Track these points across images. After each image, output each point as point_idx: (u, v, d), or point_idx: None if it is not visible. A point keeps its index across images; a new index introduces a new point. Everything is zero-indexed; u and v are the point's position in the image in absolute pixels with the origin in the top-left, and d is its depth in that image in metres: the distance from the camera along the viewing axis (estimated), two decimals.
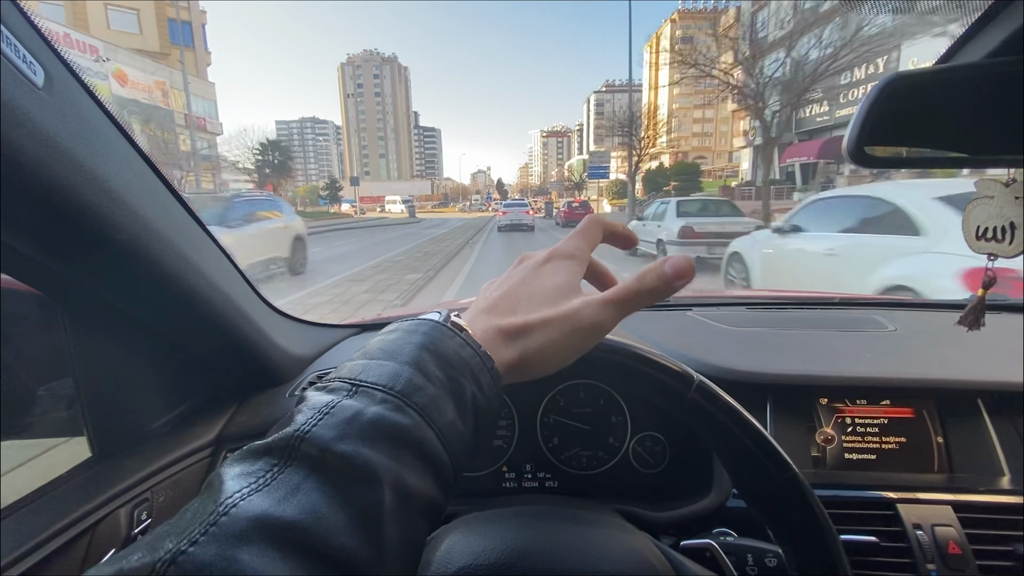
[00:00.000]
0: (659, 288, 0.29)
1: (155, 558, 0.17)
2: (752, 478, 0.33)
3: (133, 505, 0.48)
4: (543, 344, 0.28)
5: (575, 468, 0.67)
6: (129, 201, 0.38)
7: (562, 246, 0.33)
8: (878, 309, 0.95)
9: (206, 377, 0.61)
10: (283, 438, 0.21)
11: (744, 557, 0.47)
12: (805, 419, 0.63)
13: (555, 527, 0.37)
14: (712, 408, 0.33)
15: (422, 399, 0.23)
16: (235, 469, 0.20)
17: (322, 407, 0.22)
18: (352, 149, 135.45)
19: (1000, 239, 0.43)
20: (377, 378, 0.24)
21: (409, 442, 0.22)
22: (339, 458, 0.20)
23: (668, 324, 0.88)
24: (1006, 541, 0.53)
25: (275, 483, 0.19)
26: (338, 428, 0.21)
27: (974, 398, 0.62)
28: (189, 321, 0.51)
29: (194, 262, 0.47)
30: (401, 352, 0.25)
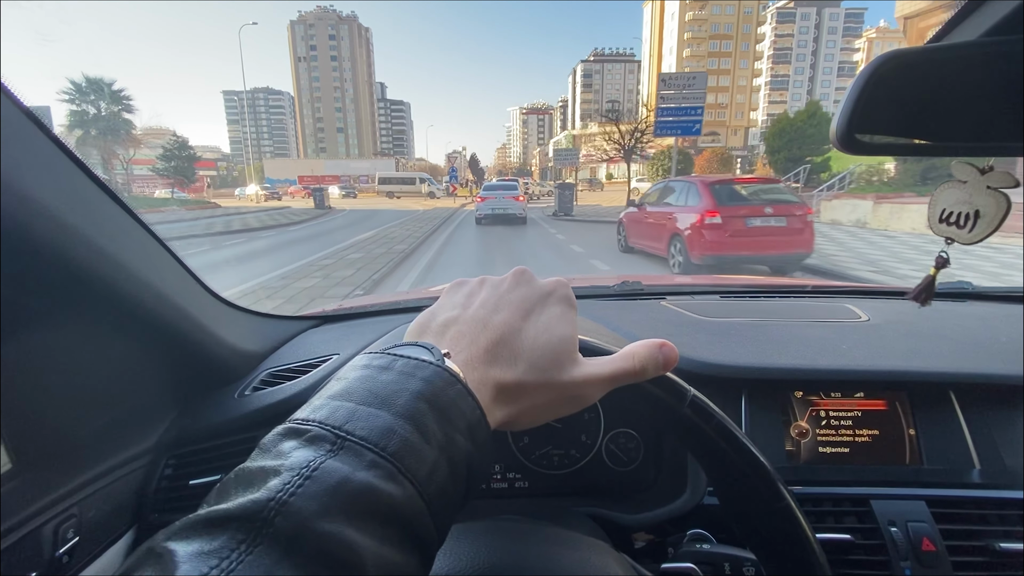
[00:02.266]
0: (649, 371, 0.30)
1: None
2: (743, 501, 0.33)
3: (58, 522, 0.46)
4: (535, 407, 0.29)
5: (546, 468, 0.67)
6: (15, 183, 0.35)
7: (563, 288, 0.33)
8: (851, 297, 1.01)
9: (142, 377, 0.57)
10: (252, 507, 0.18)
11: (721, 566, 0.47)
12: (780, 413, 0.65)
13: (527, 548, 0.35)
14: (705, 426, 0.32)
15: (417, 464, 0.21)
16: (191, 546, 0.17)
17: (301, 468, 0.19)
18: (305, 122, 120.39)
19: (961, 225, 0.44)
20: (367, 432, 0.21)
21: (399, 519, 0.20)
22: (320, 539, 0.18)
23: (642, 314, 0.89)
24: (979, 536, 0.55)
25: (241, 568, 0.16)
26: (320, 499, 0.18)
27: (946, 390, 0.64)
28: (113, 316, 0.48)
29: (110, 252, 0.44)
30: (395, 400, 0.23)
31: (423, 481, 0.21)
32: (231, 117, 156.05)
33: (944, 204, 0.45)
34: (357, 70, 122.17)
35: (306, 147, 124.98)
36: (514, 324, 0.30)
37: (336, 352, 0.73)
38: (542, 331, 0.30)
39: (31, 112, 0.38)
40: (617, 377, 0.30)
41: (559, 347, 0.29)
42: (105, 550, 0.52)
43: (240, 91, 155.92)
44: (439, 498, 0.22)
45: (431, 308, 0.33)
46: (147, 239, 0.50)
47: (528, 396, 0.28)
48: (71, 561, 0.47)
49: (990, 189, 0.42)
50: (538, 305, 0.31)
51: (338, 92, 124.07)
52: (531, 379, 0.28)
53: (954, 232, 0.44)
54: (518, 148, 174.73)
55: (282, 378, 0.69)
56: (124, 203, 0.47)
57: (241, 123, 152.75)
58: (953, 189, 0.45)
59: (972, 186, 0.43)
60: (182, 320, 0.54)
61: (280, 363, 0.72)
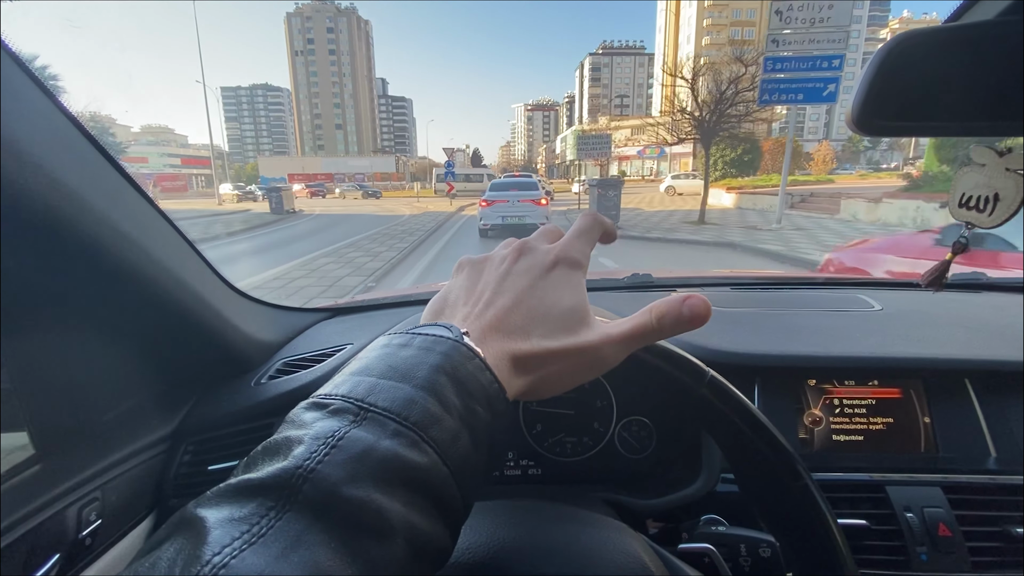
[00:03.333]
0: (673, 327, 0.29)
1: None
2: (761, 481, 0.34)
3: (81, 505, 0.47)
4: (554, 374, 0.29)
5: (559, 455, 0.68)
6: (46, 166, 0.36)
7: (568, 249, 0.32)
8: (864, 289, 1.01)
9: (162, 365, 0.60)
10: (281, 475, 0.18)
11: (737, 548, 0.48)
12: (793, 401, 0.66)
13: (546, 526, 0.36)
14: (723, 406, 0.32)
15: (439, 433, 0.22)
16: (222, 512, 0.18)
17: (327, 437, 0.20)
18: (302, 118, 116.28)
19: (981, 209, 0.44)
20: (389, 403, 0.22)
21: (424, 486, 0.20)
22: (349, 505, 0.18)
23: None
24: (996, 522, 0.55)
25: (271, 534, 0.17)
26: (346, 467, 0.19)
27: (961, 378, 0.64)
28: (137, 304, 0.49)
29: (138, 241, 0.45)
30: (415, 373, 0.23)
31: (446, 449, 0.22)
32: (229, 114, 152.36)
33: (964, 188, 0.45)
34: (356, 65, 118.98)
35: (303, 144, 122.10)
36: (522, 297, 0.30)
37: (349, 342, 0.75)
38: (552, 299, 0.30)
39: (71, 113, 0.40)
40: (634, 334, 0.29)
41: (569, 312, 0.30)
42: (126, 534, 0.54)
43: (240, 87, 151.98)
44: (462, 467, 0.22)
45: (442, 291, 0.33)
46: (169, 230, 0.52)
47: (545, 364, 0.28)
48: (94, 543, 0.49)
49: (1009, 171, 0.41)
50: (543, 274, 0.31)
51: (336, 87, 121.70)
52: (545, 347, 0.28)
53: (974, 216, 0.44)
54: (523, 146, 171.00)
55: (297, 367, 0.71)
56: (147, 194, 0.48)
57: (240, 120, 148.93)
58: (973, 173, 0.44)
59: (991, 169, 0.43)
60: (202, 310, 0.56)
61: (294, 353, 0.74)
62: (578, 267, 0.32)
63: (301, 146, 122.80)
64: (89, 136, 0.42)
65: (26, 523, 0.42)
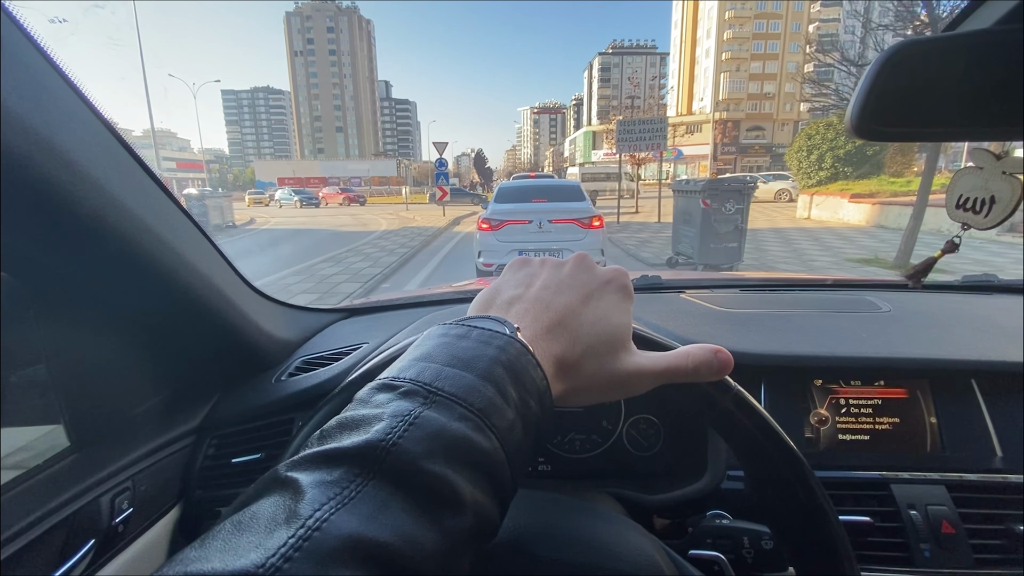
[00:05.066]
0: (702, 373, 0.30)
1: (244, 568, 0.15)
2: (777, 495, 0.34)
3: (114, 494, 0.49)
4: (585, 388, 0.30)
5: (568, 452, 0.70)
6: (93, 174, 0.37)
7: (622, 277, 0.34)
8: (872, 291, 1.01)
9: (188, 363, 0.62)
10: (366, 446, 0.20)
11: (740, 540, 0.49)
12: (799, 401, 0.66)
13: (565, 515, 0.37)
14: (747, 420, 0.33)
15: (500, 421, 0.23)
16: (313, 475, 0.19)
17: (404, 415, 0.22)
18: (302, 121, 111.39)
19: (977, 211, 0.44)
20: (455, 390, 0.23)
21: (487, 467, 0.22)
22: (427, 477, 0.20)
23: (662, 306, 0.90)
24: (999, 520, 0.55)
25: (360, 497, 0.18)
26: (424, 443, 0.21)
27: (968, 378, 0.64)
28: (166, 303, 0.51)
29: (169, 242, 0.47)
30: (476, 364, 0.25)
31: (504, 436, 0.23)
32: (229, 117, 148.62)
33: (961, 190, 0.45)
34: (357, 65, 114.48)
35: (303, 147, 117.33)
36: (574, 307, 0.31)
37: (365, 341, 0.77)
38: (600, 317, 0.31)
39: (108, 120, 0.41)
40: (668, 374, 0.31)
41: (615, 335, 0.31)
42: (156, 522, 0.57)
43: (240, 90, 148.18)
44: (516, 453, 0.24)
45: (494, 284, 0.34)
46: (195, 232, 0.53)
47: (582, 376, 0.30)
48: (126, 530, 0.51)
49: (1005, 174, 0.42)
50: (597, 291, 0.32)
51: (337, 89, 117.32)
52: (587, 361, 0.30)
53: (970, 218, 0.44)
54: (529, 149, 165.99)
55: (315, 365, 0.73)
56: (175, 198, 0.50)
57: (241, 123, 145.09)
58: (969, 175, 0.45)
59: (988, 171, 0.43)
60: (227, 310, 0.57)
61: (313, 351, 0.76)
62: (629, 296, 0.33)
63: (301, 149, 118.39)
64: (123, 142, 0.44)
65: (64, 509, 0.44)
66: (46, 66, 0.35)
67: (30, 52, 0.34)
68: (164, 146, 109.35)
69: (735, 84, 64.19)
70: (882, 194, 12.11)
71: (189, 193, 21.76)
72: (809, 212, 13.85)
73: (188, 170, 75.68)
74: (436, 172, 14.55)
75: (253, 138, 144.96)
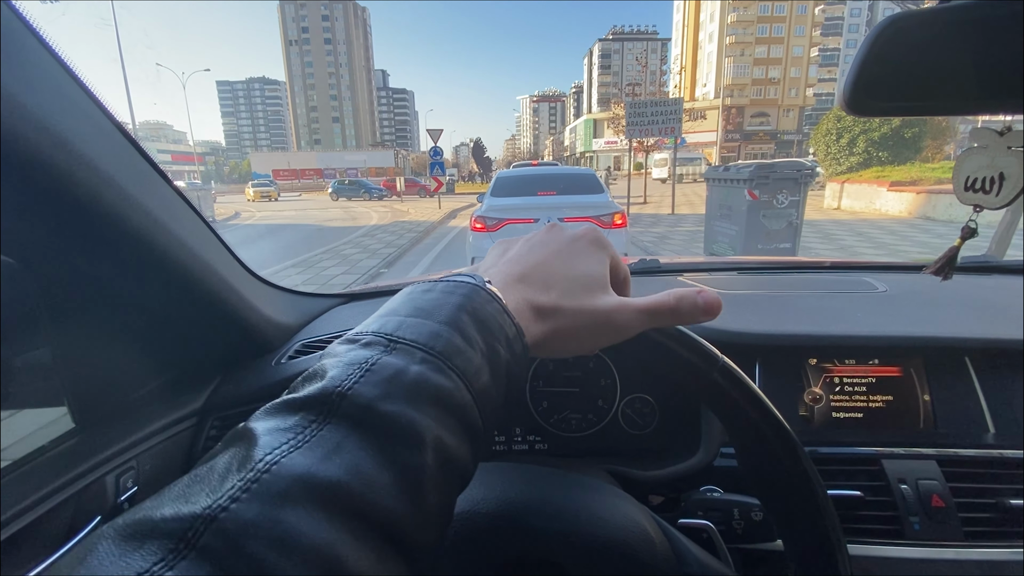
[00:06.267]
0: (690, 315, 0.31)
1: (192, 511, 0.16)
2: (763, 465, 0.35)
3: (118, 473, 0.50)
4: (571, 330, 0.30)
5: (564, 431, 0.70)
6: (88, 155, 0.38)
7: (593, 232, 0.34)
8: (870, 272, 1.01)
9: (189, 346, 0.63)
10: (321, 394, 0.20)
11: (730, 512, 0.50)
12: (794, 379, 0.66)
13: (556, 488, 0.38)
14: (734, 391, 0.33)
15: (462, 363, 0.23)
16: (269, 423, 0.20)
17: (361, 363, 0.22)
18: (298, 111, 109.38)
19: (987, 190, 0.43)
20: (416, 336, 0.23)
21: (450, 406, 0.22)
22: (383, 418, 0.20)
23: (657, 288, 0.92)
24: (990, 494, 0.56)
25: (315, 440, 0.19)
26: (381, 386, 0.21)
27: (961, 356, 0.65)
28: (166, 287, 0.52)
29: (167, 225, 0.47)
30: (438, 312, 0.25)
31: (469, 377, 0.23)
32: (225, 109, 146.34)
33: (967, 171, 0.44)
34: (353, 54, 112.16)
35: (299, 138, 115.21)
36: (546, 259, 0.32)
37: None
38: (573, 264, 0.32)
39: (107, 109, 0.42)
40: (651, 309, 0.31)
41: (589, 278, 0.31)
42: None
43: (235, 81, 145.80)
44: (483, 395, 0.24)
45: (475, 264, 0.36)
46: (194, 217, 0.54)
47: (563, 317, 0.30)
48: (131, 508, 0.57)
49: (1011, 149, 0.41)
50: (568, 245, 0.33)
51: (333, 79, 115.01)
52: (565, 303, 0.30)
53: (981, 198, 0.43)
54: (528, 138, 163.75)
55: (314, 348, 0.73)
56: (173, 183, 0.51)
57: (237, 115, 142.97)
58: (975, 155, 0.44)
59: (993, 149, 0.42)
60: (227, 294, 0.58)
61: (312, 335, 0.76)
62: (604, 248, 0.34)
63: (297, 140, 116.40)
64: (123, 130, 0.45)
65: (71, 487, 0.45)
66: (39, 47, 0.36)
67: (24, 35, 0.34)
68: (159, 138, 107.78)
69: (739, 69, 62.39)
70: (925, 181, 10.74)
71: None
72: (839, 202, 12.57)
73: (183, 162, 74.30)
74: (431, 162, 13.37)
75: (249, 130, 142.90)
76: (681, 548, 0.37)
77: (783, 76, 63.22)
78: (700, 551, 0.38)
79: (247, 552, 0.15)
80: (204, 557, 0.15)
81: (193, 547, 0.15)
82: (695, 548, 0.38)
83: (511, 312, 0.27)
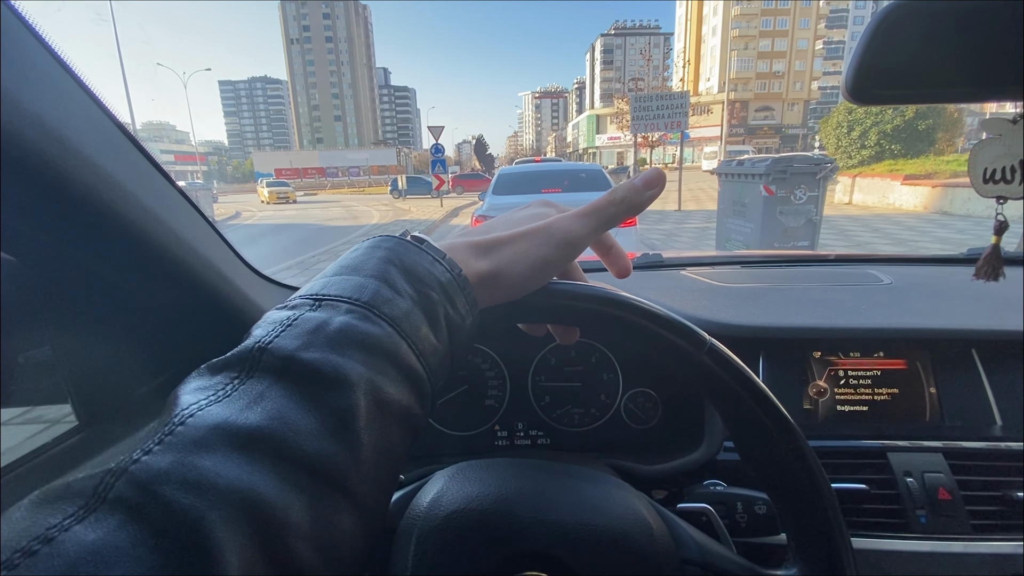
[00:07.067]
0: (630, 199, 0.30)
1: (104, 469, 0.16)
2: (756, 443, 0.35)
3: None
4: (516, 255, 0.29)
5: (567, 425, 0.70)
6: (85, 151, 0.38)
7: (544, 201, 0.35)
8: (875, 265, 1.00)
9: (192, 343, 0.62)
10: (242, 352, 0.21)
11: (734, 505, 0.50)
12: (798, 372, 0.66)
13: (552, 479, 0.38)
14: (723, 372, 0.33)
15: (391, 310, 0.23)
16: (191, 385, 0.20)
17: (283, 320, 0.22)
18: (300, 110, 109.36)
19: (1009, 179, 0.42)
20: (340, 291, 0.24)
21: (381, 351, 0.22)
22: (305, 366, 0.20)
23: (662, 282, 0.92)
24: (997, 487, 0.55)
25: (236, 394, 0.19)
26: (303, 338, 0.21)
27: (968, 348, 0.64)
28: (169, 284, 0.51)
29: (169, 223, 0.47)
30: (364, 266, 0.25)
31: (399, 322, 0.23)
32: (227, 109, 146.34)
33: (984, 163, 0.44)
34: (355, 52, 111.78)
35: (302, 137, 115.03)
36: (488, 221, 0.33)
37: None
38: (518, 214, 0.33)
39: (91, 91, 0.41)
40: (593, 208, 0.31)
41: (531, 216, 0.32)
42: None
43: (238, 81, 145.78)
44: (423, 342, 0.24)
45: None
46: (194, 214, 0.54)
47: (506, 248, 0.30)
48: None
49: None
50: (517, 210, 0.34)
51: (335, 77, 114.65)
52: (506, 233, 0.30)
53: (1002, 189, 0.42)
54: (531, 135, 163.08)
55: None
56: (173, 180, 0.50)
57: (239, 115, 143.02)
58: (990, 145, 0.43)
59: (1008, 138, 0.42)
60: (230, 291, 0.58)
61: None
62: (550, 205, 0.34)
63: (299, 139, 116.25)
64: (123, 128, 0.45)
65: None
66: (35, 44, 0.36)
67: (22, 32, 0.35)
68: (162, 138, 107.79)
69: (743, 63, 61.73)
70: (941, 175, 10.30)
71: None
72: (851, 196, 12.15)
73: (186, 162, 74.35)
74: (432, 159, 13.13)
75: (252, 129, 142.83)
76: (680, 532, 0.37)
77: (787, 70, 62.48)
78: (699, 534, 0.38)
79: (159, 496, 0.15)
80: (115, 507, 0.15)
81: (104, 499, 0.15)
82: (694, 532, 0.38)
83: (446, 256, 0.27)
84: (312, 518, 0.17)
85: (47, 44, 0.36)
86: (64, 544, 0.14)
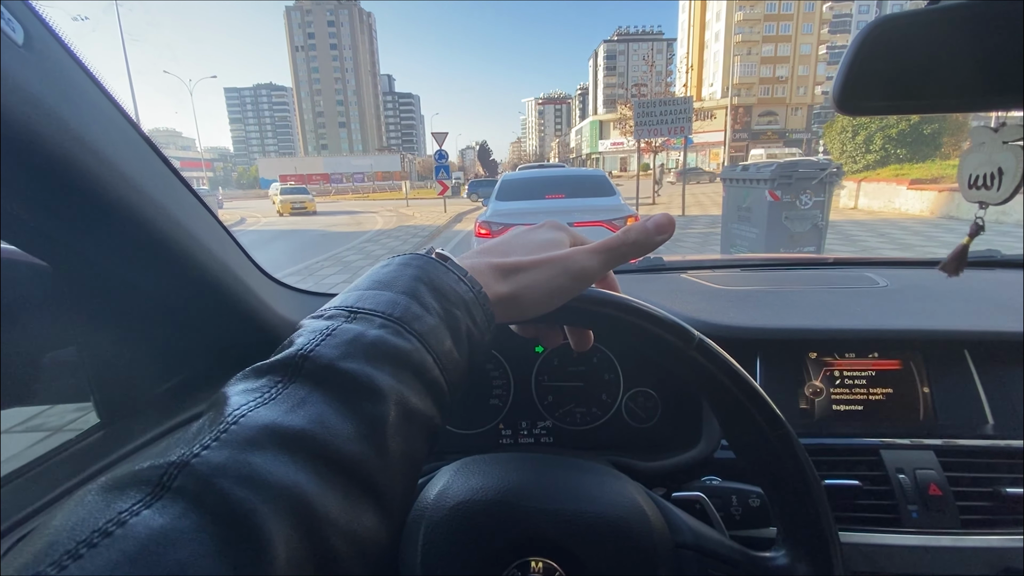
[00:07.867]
0: (641, 241, 0.33)
1: (167, 461, 0.17)
2: (745, 433, 0.36)
3: None
4: (534, 282, 0.31)
5: (569, 424, 0.72)
6: (116, 162, 0.39)
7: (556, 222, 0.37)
8: (872, 268, 1.02)
9: (209, 344, 0.64)
10: (286, 358, 0.22)
11: (728, 498, 0.51)
12: (794, 373, 0.67)
13: (551, 471, 0.40)
14: (712, 366, 0.34)
15: (420, 327, 0.25)
16: (239, 387, 0.22)
17: (323, 330, 0.24)
18: (304, 117, 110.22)
19: (989, 186, 0.44)
20: (375, 305, 0.25)
21: (409, 365, 0.24)
22: (344, 375, 0.22)
23: (661, 285, 0.94)
24: (987, 483, 0.57)
25: (281, 397, 0.20)
26: (341, 348, 0.23)
27: (961, 348, 0.65)
28: (188, 287, 0.53)
29: (188, 227, 0.48)
30: (396, 283, 0.27)
31: (427, 339, 0.25)
32: (233, 115, 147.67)
33: (969, 170, 0.46)
34: (359, 59, 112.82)
35: (306, 143, 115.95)
36: (508, 239, 0.35)
37: None
38: (535, 236, 0.35)
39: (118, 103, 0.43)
40: (606, 246, 0.33)
41: (547, 242, 0.34)
42: None
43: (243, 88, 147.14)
44: (446, 357, 0.26)
45: None
46: (211, 220, 0.55)
47: (525, 274, 0.31)
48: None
49: (1006, 144, 0.43)
50: (533, 230, 0.36)
51: (339, 84, 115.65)
52: (526, 259, 0.32)
53: (983, 194, 0.45)
54: (534, 141, 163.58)
55: None
56: (190, 185, 0.51)
57: (244, 121, 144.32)
58: (975, 153, 0.45)
59: (990, 146, 0.44)
60: (244, 292, 0.59)
61: None
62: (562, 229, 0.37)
63: (304, 145, 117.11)
64: (146, 137, 0.46)
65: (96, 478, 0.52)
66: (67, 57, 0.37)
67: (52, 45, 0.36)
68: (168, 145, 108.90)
69: (746, 68, 61.74)
70: (947, 179, 10.26)
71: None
72: (856, 201, 12.11)
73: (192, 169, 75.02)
74: (436, 165, 13.17)
75: (257, 135, 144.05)
76: (674, 518, 0.38)
77: (791, 74, 62.45)
78: (693, 520, 0.39)
79: (217, 488, 0.17)
80: (179, 495, 0.16)
81: (168, 488, 0.17)
82: (688, 518, 0.39)
83: (470, 280, 0.29)
84: (347, 515, 0.19)
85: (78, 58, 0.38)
86: (136, 527, 0.15)
